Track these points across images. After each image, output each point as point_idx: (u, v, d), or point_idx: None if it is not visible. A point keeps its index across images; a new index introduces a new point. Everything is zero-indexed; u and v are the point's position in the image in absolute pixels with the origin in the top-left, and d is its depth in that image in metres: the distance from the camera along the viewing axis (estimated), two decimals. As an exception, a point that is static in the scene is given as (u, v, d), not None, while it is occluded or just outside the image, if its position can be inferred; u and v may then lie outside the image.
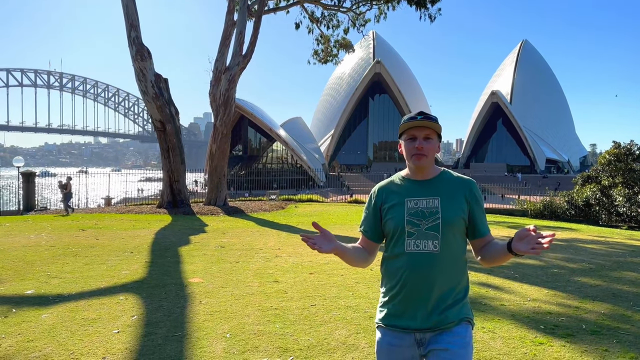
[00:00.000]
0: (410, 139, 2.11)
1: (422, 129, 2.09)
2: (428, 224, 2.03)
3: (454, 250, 2.06)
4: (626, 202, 19.01)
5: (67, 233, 11.05)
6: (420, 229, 2.04)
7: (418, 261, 2.03)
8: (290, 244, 9.93)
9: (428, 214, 2.04)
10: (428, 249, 2.02)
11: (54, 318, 4.82)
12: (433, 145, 2.10)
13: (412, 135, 2.10)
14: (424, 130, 2.09)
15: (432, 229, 2.03)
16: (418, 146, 2.08)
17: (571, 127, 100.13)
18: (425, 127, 2.09)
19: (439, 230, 2.02)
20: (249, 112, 59.95)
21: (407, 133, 2.12)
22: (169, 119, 17.53)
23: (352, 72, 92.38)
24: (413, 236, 2.04)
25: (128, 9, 17.16)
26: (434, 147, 2.11)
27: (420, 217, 2.05)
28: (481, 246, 2.14)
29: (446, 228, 2.03)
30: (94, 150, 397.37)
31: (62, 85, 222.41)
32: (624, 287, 6.57)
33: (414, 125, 2.09)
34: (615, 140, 21.31)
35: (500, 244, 2.06)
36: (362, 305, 5.40)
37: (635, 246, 10.98)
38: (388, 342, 2.09)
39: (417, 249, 2.03)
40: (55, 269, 7.14)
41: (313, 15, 25.05)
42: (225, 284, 6.31)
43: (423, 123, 2.07)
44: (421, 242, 2.03)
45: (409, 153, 2.11)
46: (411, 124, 2.09)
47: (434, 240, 2.02)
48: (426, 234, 2.03)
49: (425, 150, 2.07)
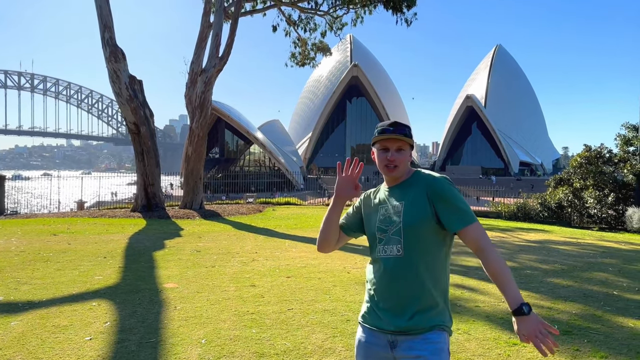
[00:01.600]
0: (382, 150, 2.15)
1: (394, 141, 2.13)
2: (393, 228, 2.07)
3: (421, 254, 2.03)
4: (597, 204, 19.48)
5: (38, 238, 10.79)
6: (388, 234, 2.09)
7: (385, 266, 2.08)
8: (267, 248, 9.88)
9: (393, 220, 2.08)
10: (393, 253, 2.06)
11: (23, 325, 4.69)
12: (405, 156, 2.15)
13: (384, 146, 2.15)
14: (397, 142, 2.13)
15: (396, 233, 2.06)
16: (390, 158, 2.12)
17: (544, 131, 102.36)
18: (398, 139, 2.13)
19: (401, 235, 2.05)
20: (226, 115, 59.63)
21: (380, 143, 2.16)
22: (143, 121, 17.29)
23: (329, 75, 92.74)
24: (382, 242, 2.10)
25: (102, 9, 16.88)
26: (405, 158, 2.15)
27: (387, 223, 2.10)
28: (469, 246, 2.05)
29: (408, 231, 2.03)
30: (67, 153, 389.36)
31: (33, 86, 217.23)
32: (594, 288, 6.72)
33: (386, 138, 2.13)
34: (587, 144, 21.80)
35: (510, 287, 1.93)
36: (339, 308, 5.40)
37: (605, 247, 11.25)
38: (365, 339, 2.13)
39: (385, 254, 2.09)
40: (25, 274, 6.96)
41: (290, 18, 25.05)
42: (201, 289, 6.24)
43: (395, 136, 2.12)
44: (388, 247, 2.08)
45: (381, 163, 2.16)
46: (383, 137, 2.13)
47: (397, 244, 2.05)
48: (391, 238, 2.07)
49: (397, 161, 2.12)
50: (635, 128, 20.86)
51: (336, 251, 9.30)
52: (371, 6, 22.83)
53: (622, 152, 21.13)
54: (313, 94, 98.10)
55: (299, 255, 9.01)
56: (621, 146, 21.22)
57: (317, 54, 26.28)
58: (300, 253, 9.23)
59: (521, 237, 12.73)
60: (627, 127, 21.22)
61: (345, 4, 23.32)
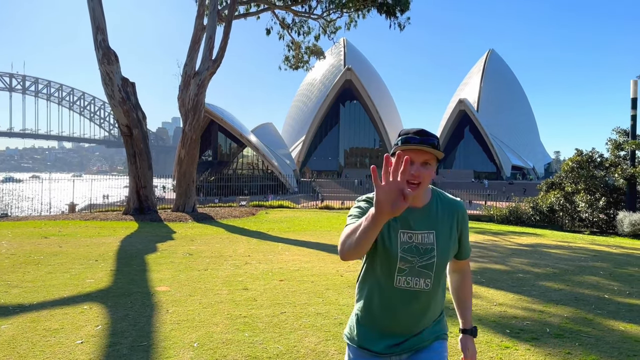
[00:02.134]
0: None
1: (421, 153, 1.79)
2: (422, 262, 1.85)
3: (442, 283, 1.97)
4: (588, 208, 19.61)
5: (29, 241, 10.70)
6: (413, 266, 1.85)
7: (407, 298, 1.89)
8: (260, 251, 9.86)
9: (423, 251, 1.85)
10: (419, 287, 1.87)
11: (14, 329, 4.65)
12: (430, 171, 1.81)
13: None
14: (424, 154, 1.79)
15: (426, 267, 1.86)
16: (415, 173, 1.77)
17: (536, 135, 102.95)
18: (426, 152, 1.79)
19: (433, 269, 1.86)
20: (219, 117, 59.55)
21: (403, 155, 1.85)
22: (136, 123, 17.23)
23: (323, 78, 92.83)
24: (404, 272, 1.86)
25: (95, 12, 16.83)
26: (431, 174, 1.81)
27: (414, 253, 1.85)
28: (454, 268, 2.12)
29: (440, 266, 1.88)
30: (58, 156, 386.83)
31: (24, 88, 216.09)
32: (586, 291, 6.76)
33: (412, 149, 1.78)
34: (578, 148, 21.96)
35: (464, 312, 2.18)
36: (332, 312, 5.40)
37: (597, 251, 11.32)
38: None
39: (408, 286, 1.86)
40: (16, 277, 6.90)
41: (284, 21, 25.10)
42: (193, 292, 6.21)
43: (423, 148, 1.77)
44: (412, 279, 1.86)
45: None
46: (409, 147, 1.78)
47: (427, 278, 1.86)
48: (419, 271, 1.85)
49: (421, 177, 1.78)
50: (626, 133, 21.02)
51: (329, 254, 9.35)
52: (365, 10, 22.93)
53: (613, 157, 21.27)
54: (307, 97, 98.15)
55: (292, 258, 9.00)
56: (612, 150, 21.38)
57: (311, 58, 26.36)
58: (294, 256, 9.22)
59: (513, 241, 12.78)
60: (618, 132, 21.38)
61: (339, 8, 23.40)
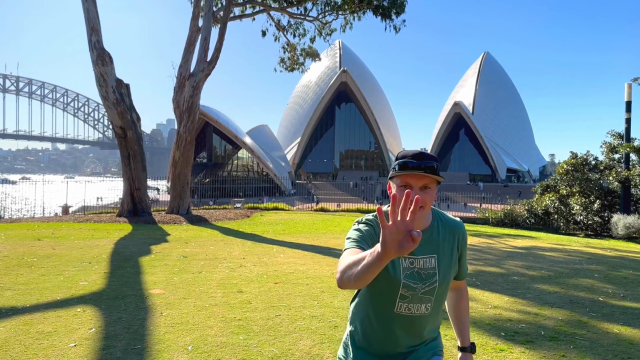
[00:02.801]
0: (403, 186, 1.77)
1: (419, 178, 1.77)
2: (425, 288, 1.85)
3: (441, 304, 1.98)
4: (583, 211, 19.69)
5: (22, 243, 10.63)
6: (416, 294, 1.85)
7: (407, 323, 1.90)
8: (255, 253, 9.83)
9: (425, 276, 1.85)
10: (420, 312, 1.88)
11: (6, 332, 4.60)
12: (431, 195, 1.79)
13: (406, 182, 1.77)
14: (422, 179, 1.77)
15: (428, 292, 1.86)
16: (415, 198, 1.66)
17: (531, 137, 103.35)
18: (424, 176, 1.77)
19: (434, 294, 1.88)
20: (214, 119, 59.46)
21: (400, 179, 1.79)
22: (130, 125, 17.17)
23: (318, 80, 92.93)
24: (406, 299, 1.86)
25: (89, 13, 16.77)
26: (432, 198, 1.80)
27: (417, 280, 1.84)
28: (451, 287, 2.13)
29: (442, 290, 1.90)
30: (52, 157, 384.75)
31: (18, 89, 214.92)
32: (580, 294, 6.77)
33: (410, 174, 1.77)
34: (573, 151, 22.08)
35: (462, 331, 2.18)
36: (327, 314, 5.38)
37: (591, 254, 11.36)
38: None
39: (409, 312, 1.87)
40: (9, 280, 6.84)
41: (279, 23, 25.10)
42: (188, 295, 6.18)
43: (421, 173, 1.76)
44: (414, 305, 1.86)
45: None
46: (409, 173, 1.76)
47: (427, 303, 1.88)
48: (421, 298, 1.86)
49: (421, 202, 1.72)
50: (620, 136, 21.14)
51: (325, 257, 9.34)
52: (360, 12, 22.97)
53: (607, 160, 21.39)
54: (302, 99, 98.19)
55: (287, 261, 8.98)
56: (607, 154, 21.50)
57: (306, 60, 26.39)
58: (289, 259, 9.20)
59: (508, 244, 12.81)
60: (613, 135, 21.50)
61: (335, 10, 23.44)
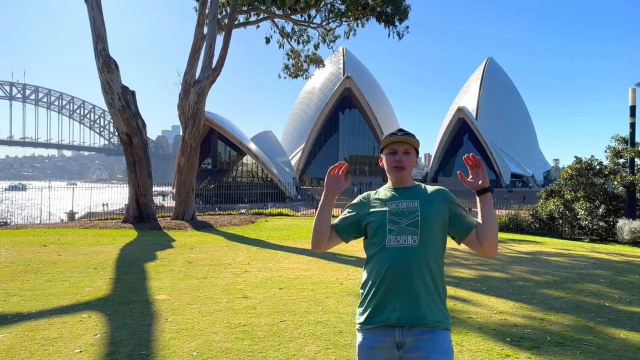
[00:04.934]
0: (391, 153, 2.32)
1: (401, 144, 2.31)
2: (408, 221, 2.16)
3: (432, 248, 2.17)
4: (588, 216, 19.57)
5: (28, 249, 10.68)
6: (400, 226, 2.16)
7: (398, 254, 2.13)
8: (259, 259, 9.84)
9: (408, 212, 2.18)
10: (408, 243, 2.13)
11: (12, 338, 4.62)
12: (411, 159, 2.32)
13: (393, 149, 2.32)
14: (403, 145, 2.31)
15: (412, 225, 2.15)
16: (398, 159, 2.29)
17: (535, 142, 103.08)
18: (405, 142, 2.31)
19: (418, 227, 2.15)
20: (219, 125, 59.63)
21: (389, 148, 2.33)
22: (135, 132, 17.25)
23: (322, 86, 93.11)
24: (393, 233, 2.16)
25: (95, 20, 16.89)
26: (412, 161, 2.32)
27: (400, 215, 2.18)
28: (475, 239, 2.25)
29: (425, 225, 2.15)
30: (58, 164, 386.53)
31: (25, 96, 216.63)
32: (586, 299, 6.74)
33: (395, 140, 2.31)
34: (577, 156, 21.94)
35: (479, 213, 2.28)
36: (332, 320, 5.37)
37: (597, 258, 11.30)
38: (369, 345, 2.13)
39: (398, 243, 2.14)
40: (15, 286, 6.88)
41: (283, 30, 25.20)
42: (193, 301, 6.19)
43: (402, 138, 2.30)
44: (401, 237, 2.14)
45: (390, 165, 2.31)
46: (392, 139, 2.31)
47: (413, 235, 2.14)
48: (406, 229, 2.15)
49: (404, 163, 2.28)
50: (625, 140, 21.04)
51: (329, 262, 9.33)
52: (364, 19, 23.03)
53: (612, 164, 21.28)
54: (306, 105, 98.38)
55: (292, 266, 8.98)
56: (611, 158, 21.39)
57: (310, 66, 26.42)
58: (293, 264, 9.20)
59: (513, 249, 12.76)
60: (617, 140, 21.41)
61: (338, 17, 23.51)
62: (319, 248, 2.36)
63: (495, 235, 2.24)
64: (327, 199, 2.35)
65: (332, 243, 2.36)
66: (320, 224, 2.32)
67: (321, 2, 22.85)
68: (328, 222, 2.33)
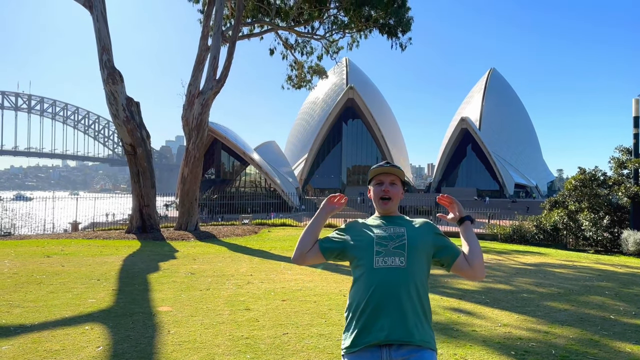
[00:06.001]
0: (378, 184, 2.43)
1: (388, 175, 2.44)
2: (395, 244, 2.22)
3: (419, 270, 2.21)
4: (592, 227, 19.48)
5: (32, 260, 10.69)
6: (388, 248, 2.21)
7: (386, 275, 2.16)
8: (262, 270, 9.82)
9: (395, 236, 2.25)
10: (395, 264, 2.18)
11: (14, 350, 4.62)
12: (397, 190, 2.43)
13: (379, 180, 2.44)
14: (390, 176, 2.44)
15: (399, 247, 2.21)
16: (384, 189, 2.40)
17: (538, 153, 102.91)
18: (391, 174, 2.43)
19: (405, 249, 2.20)
20: (222, 136, 59.83)
21: (376, 179, 2.45)
22: (140, 142, 17.32)
23: (325, 97, 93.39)
24: (381, 254, 2.20)
25: (100, 32, 17.04)
26: (398, 192, 2.43)
27: (387, 239, 2.24)
28: (462, 264, 2.29)
29: (411, 249, 2.21)
30: (62, 174, 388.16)
31: (30, 107, 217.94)
32: (591, 312, 6.69)
33: (381, 172, 2.44)
34: (581, 166, 21.85)
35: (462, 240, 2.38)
36: (335, 333, 5.35)
37: (601, 270, 11.23)
38: None
39: (385, 264, 2.18)
40: (18, 297, 6.88)
41: (287, 41, 25.37)
42: (195, 313, 6.18)
43: (388, 170, 2.43)
44: (389, 258, 2.19)
45: (376, 196, 2.42)
46: (379, 170, 2.44)
47: (401, 257, 2.19)
48: (393, 252, 2.20)
49: (390, 193, 2.40)
50: (629, 151, 21.00)
51: (332, 274, 9.29)
52: (367, 31, 23.17)
53: (616, 175, 21.21)
54: (309, 115, 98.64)
55: (295, 277, 8.96)
56: (615, 169, 21.33)
57: (314, 77, 26.57)
58: (296, 275, 9.17)
59: (517, 260, 12.70)
60: (621, 150, 21.36)
61: (341, 28, 23.66)
62: (300, 259, 2.37)
63: (482, 258, 2.31)
64: (321, 216, 2.45)
65: (311, 257, 2.37)
66: (308, 234, 2.39)
67: (324, 14, 23.03)
68: (314, 236, 2.39)
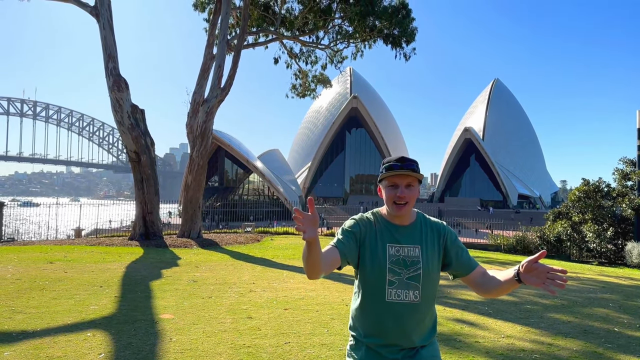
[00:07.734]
0: (391, 186, 2.09)
1: (403, 177, 2.07)
2: (409, 273, 2.04)
3: (431, 297, 2.12)
4: (596, 238, 19.42)
5: (35, 266, 10.70)
6: (402, 278, 2.04)
7: (399, 311, 2.04)
8: (265, 278, 9.80)
9: (409, 262, 2.05)
10: (409, 299, 2.04)
11: (16, 356, 4.61)
12: (414, 192, 2.10)
13: (392, 182, 2.08)
14: (406, 178, 2.07)
15: (413, 279, 2.04)
16: (400, 195, 2.06)
17: (542, 164, 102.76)
18: (407, 175, 2.07)
19: (420, 281, 2.05)
20: (226, 144, 60.00)
21: (388, 180, 2.09)
22: (144, 150, 17.38)
23: (329, 106, 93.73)
24: (394, 285, 2.04)
25: (106, 40, 17.17)
26: (415, 194, 2.10)
27: (401, 265, 2.05)
28: (477, 279, 2.14)
29: (426, 278, 2.06)
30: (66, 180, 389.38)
31: (35, 113, 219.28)
32: (595, 324, 6.65)
33: (395, 174, 2.07)
34: (585, 178, 21.83)
35: (504, 274, 2.04)
36: (337, 342, 5.33)
37: (605, 282, 11.17)
38: None
39: (398, 298, 2.04)
40: (20, 303, 6.88)
41: (292, 51, 25.49)
42: (197, 320, 6.16)
43: (404, 172, 2.05)
44: (402, 292, 2.03)
45: (389, 200, 2.09)
46: (392, 173, 2.06)
47: (415, 290, 2.05)
48: (407, 283, 2.04)
49: (407, 198, 2.07)
50: (633, 163, 20.96)
51: (334, 283, 9.27)
52: (371, 41, 23.28)
53: (620, 187, 21.18)
54: (313, 124, 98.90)
55: (297, 286, 8.93)
56: (619, 181, 21.29)
57: (318, 86, 26.67)
58: (298, 284, 9.15)
59: (520, 271, 12.62)
60: (625, 162, 21.33)
61: (346, 38, 23.77)
62: (316, 276, 2.00)
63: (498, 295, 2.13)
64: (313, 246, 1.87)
65: (331, 268, 2.07)
66: (315, 263, 1.93)
67: (329, 24, 23.15)
68: (322, 261, 1.97)
